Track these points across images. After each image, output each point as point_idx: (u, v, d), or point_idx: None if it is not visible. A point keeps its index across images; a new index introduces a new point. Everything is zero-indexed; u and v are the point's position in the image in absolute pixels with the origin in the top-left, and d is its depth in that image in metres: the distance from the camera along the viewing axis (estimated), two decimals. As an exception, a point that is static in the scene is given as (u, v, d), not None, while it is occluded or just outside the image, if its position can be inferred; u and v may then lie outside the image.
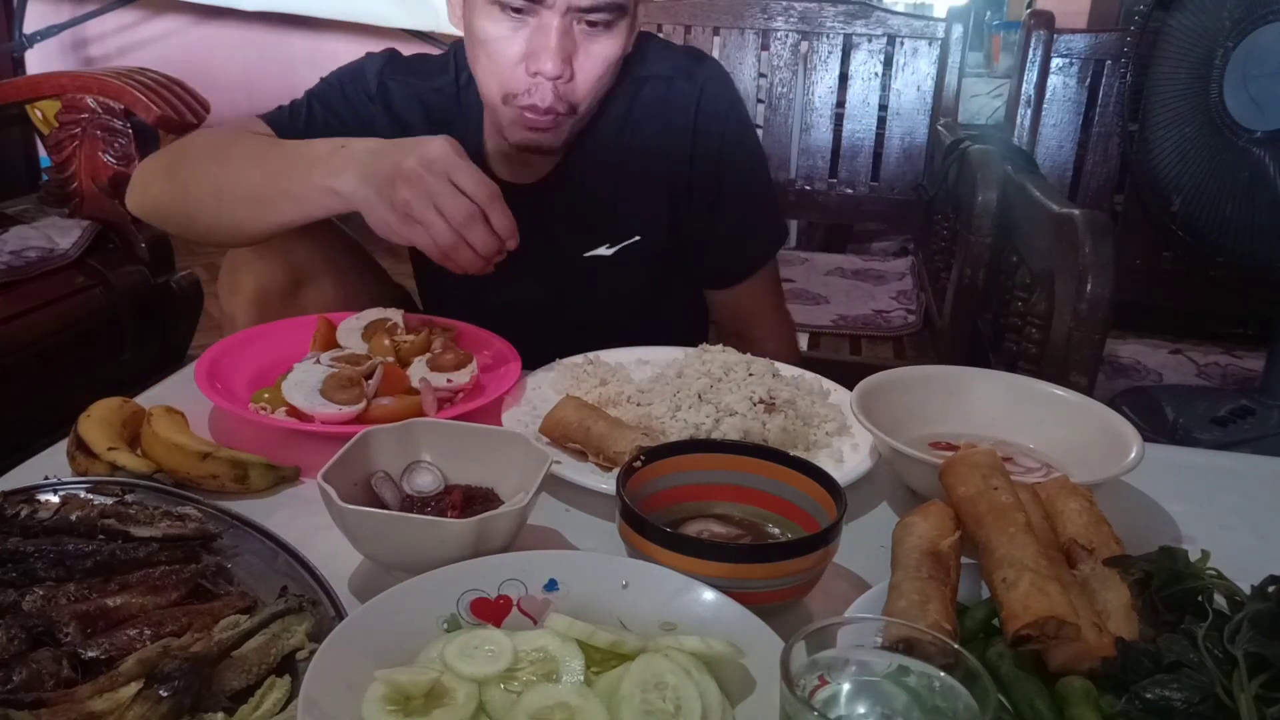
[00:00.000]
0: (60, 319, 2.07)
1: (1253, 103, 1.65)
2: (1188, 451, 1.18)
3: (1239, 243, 1.73)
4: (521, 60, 1.14)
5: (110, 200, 2.26)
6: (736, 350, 1.06)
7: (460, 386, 1.03)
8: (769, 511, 0.81)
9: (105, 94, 2.22)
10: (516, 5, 1.11)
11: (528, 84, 1.15)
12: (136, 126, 2.25)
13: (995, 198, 1.88)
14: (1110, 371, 1.99)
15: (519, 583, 0.69)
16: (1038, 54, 2.31)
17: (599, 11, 1.13)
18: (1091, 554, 0.70)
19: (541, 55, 1.12)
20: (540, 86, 1.14)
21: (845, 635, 0.56)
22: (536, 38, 1.12)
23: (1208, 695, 0.57)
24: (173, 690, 0.58)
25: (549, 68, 1.12)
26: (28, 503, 0.74)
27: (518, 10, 1.12)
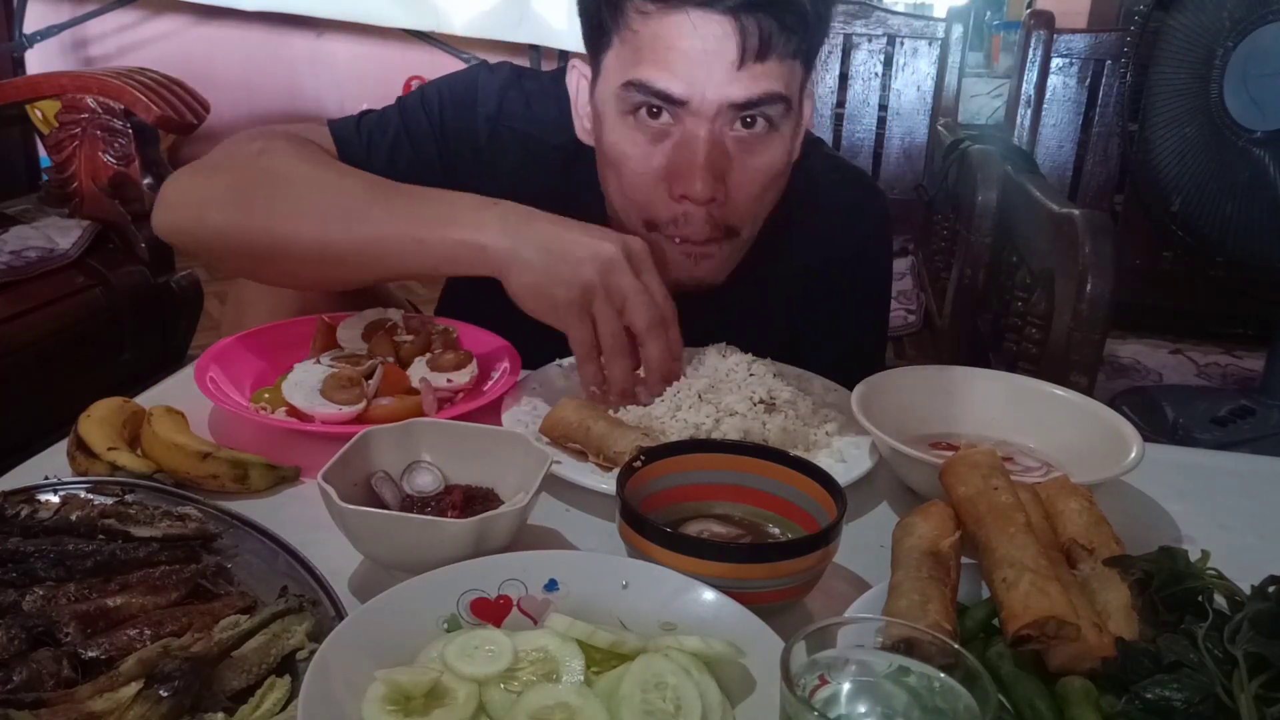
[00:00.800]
0: (60, 319, 2.07)
1: (1253, 103, 1.66)
2: (1188, 451, 1.18)
3: (1239, 243, 1.73)
4: (662, 180, 0.97)
5: (110, 200, 2.26)
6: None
7: (460, 386, 1.03)
8: (769, 511, 0.81)
9: (105, 94, 2.23)
10: (653, 107, 0.94)
11: (673, 211, 0.98)
12: (136, 126, 2.25)
13: (995, 198, 1.88)
14: (1110, 371, 1.99)
15: (519, 583, 0.69)
16: (1038, 54, 2.31)
17: (756, 108, 0.94)
18: (1091, 554, 0.70)
19: (688, 174, 0.94)
20: (690, 214, 0.98)
21: (845, 635, 0.56)
22: (681, 152, 0.95)
23: (1208, 695, 0.57)
24: (173, 690, 0.58)
25: (697, 189, 0.94)
26: (28, 503, 0.74)
27: (655, 114, 0.94)
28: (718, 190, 0.97)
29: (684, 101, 0.94)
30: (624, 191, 1.02)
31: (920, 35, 2.60)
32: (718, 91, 0.93)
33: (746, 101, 0.94)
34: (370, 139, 1.13)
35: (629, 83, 0.95)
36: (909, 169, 2.64)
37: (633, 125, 0.97)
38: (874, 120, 2.65)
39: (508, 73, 1.18)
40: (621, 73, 0.97)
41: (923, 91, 2.61)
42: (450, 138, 1.14)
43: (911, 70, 2.61)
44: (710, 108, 0.94)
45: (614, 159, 1.00)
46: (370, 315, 1.13)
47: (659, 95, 0.94)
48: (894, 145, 2.65)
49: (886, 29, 2.61)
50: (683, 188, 0.96)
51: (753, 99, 0.94)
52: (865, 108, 2.63)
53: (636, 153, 0.98)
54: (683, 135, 0.95)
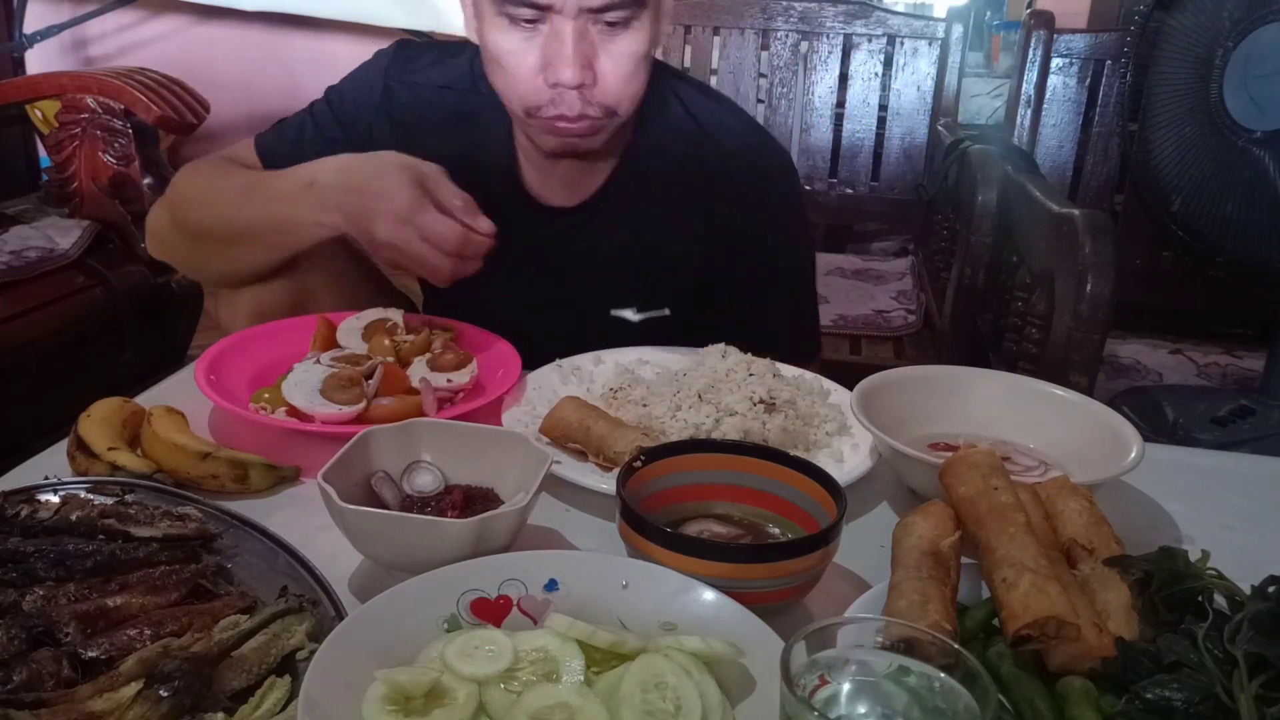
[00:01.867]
0: (60, 319, 2.07)
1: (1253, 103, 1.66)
2: (1188, 451, 1.18)
3: (1239, 243, 1.73)
4: (539, 71, 1.07)
5: (110, 200, 2.26)
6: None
7: (460, 386, 1.03)
8: (769, 511, 0.81)
9: (105, 94, 2.22)
10: (526, 16, 1.05)
11: (550, 95, 1.08)
12: (136, 126, 2.25)
13: (995, 198, 1.88)
14: (1110, 371, 1.99)
15: (519, 583, 0.69)
16: (1038, 54, 2.31)
17: (613, 10, 1.05)
18: (1091, 554, 0.70)
19: (558, 64, 1.05)
20: (564, 95, 1.08)
21: (845, 635, 0.56)
22: (550, 46, 1.05)
23: (1208, 695, 0.57)
24: (173, 690, 0.58)
25: (567, 76, 1.05)
26: (28, 503, 0.74)
27: (528, 21, 1.05)
28: (586, 76, 1.06)
29: (549, 5, 1.04)
30: (505, 82, 1.12)
31: (920, 35, 2.60)
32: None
33: (603, 5, 1.05)
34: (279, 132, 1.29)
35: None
36: (909, 169, 2.64)
37: (507, 25, 1.07)
38: (874, 120, 2.65)
39: (394, 45, 1.32)
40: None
41: (923, 91, 2.61)
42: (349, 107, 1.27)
43: (911, 70, 2.61)
44: (572, 9, 1.04)
45: (494, 55, 1.10)
46: (370, 315, 1.14)
47: (526, 4, 1.04)
48: (894, 145, 2.65)
49: (886, 29, 2.61)
50: (555, 76, 1.06)
51: (608, 3, 1.05)
52: (865, 108, 2.63)
53: (513, 48, 1.08)
54: (551, 30, 1.06)
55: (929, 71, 2.60)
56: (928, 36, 2.60)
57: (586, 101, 1.08)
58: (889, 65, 2.62)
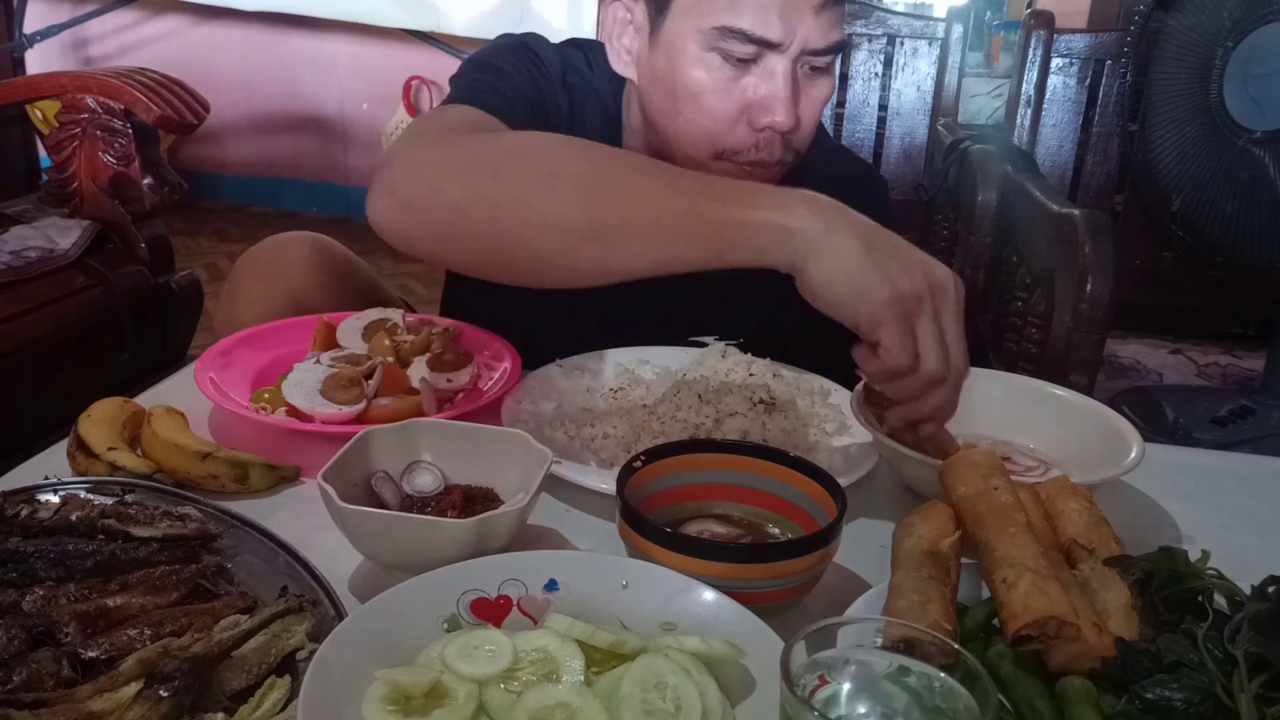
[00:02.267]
0: (60, 319, 2.07)
1: (1253, 103, 1.66)
2: (1188, 451, 1.18)
3: (1239, 243, 1.73)
4: (741, 112, 1.01)
5: (110, 200, 2.26)
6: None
7: (460, 386, 1.03)
8: (769, 511, 0.81)
9: (105, 94, 2.22)
10: (743, 53, 0.98)
11: (753, 139, 1.03)
12: (136, 126, 2.25)
13: (995, 198, 1.88)
14: (1110, 371, 1.99)
15: (519, 583, 0.69)
16: (1038, 54, 2.31)
17: (828, 54, 1.01)
18: (1091, 554, 0.70)
19: (775, 106, 0.99)
20: (770, 139, 1.02)
21: (845, 635, 0.56)
22: (765, 86, 1.00)
23: (1208, 695, 0.57)
24: (173, 690, 0.58)
25: (782, 118, 0.99)
26: (28, 503, 0.74)
27: (741, 60, 0.99)
28: (796, 121, 1.02)
29: (778, 44, 0.99)
30: (698, 123, 1.04)
31: (920, 35, 2.60)
32: (804, 37, 0.99)
33: (823, 48, 1.01)
34: (505, 92, 1.10)
35: (724, 29, 0.99)
36: (909, 169, 2.64)
37: (716, 62, 1.00)
38: (874, 120, 2.65)
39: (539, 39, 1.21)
40: (711, 12, 1.00)
41: (923, 91, 2.61)
42: (544, 100, 1.15)
43: (911, 70, 2.61)
44: (796, 50, 0.99)
45: (692, 93, 1.03)
46: (370, 315, 1.14)
47: (757, 41, 0.98)
48: (894, 145, 2.65)
49: (886, 29, 2.61)
50: (769, 119, 1.01)
51: (830, 45, 1.01)
52: (865, 108, 2.63)
53: (719, 87, 1.01)
54: (764, 70, 1.00)
55: (929, 71, 2.60)
56: (928, 36, 2.60)
57: (786, 146, 1.04)
58: (889, 65, 2.62)
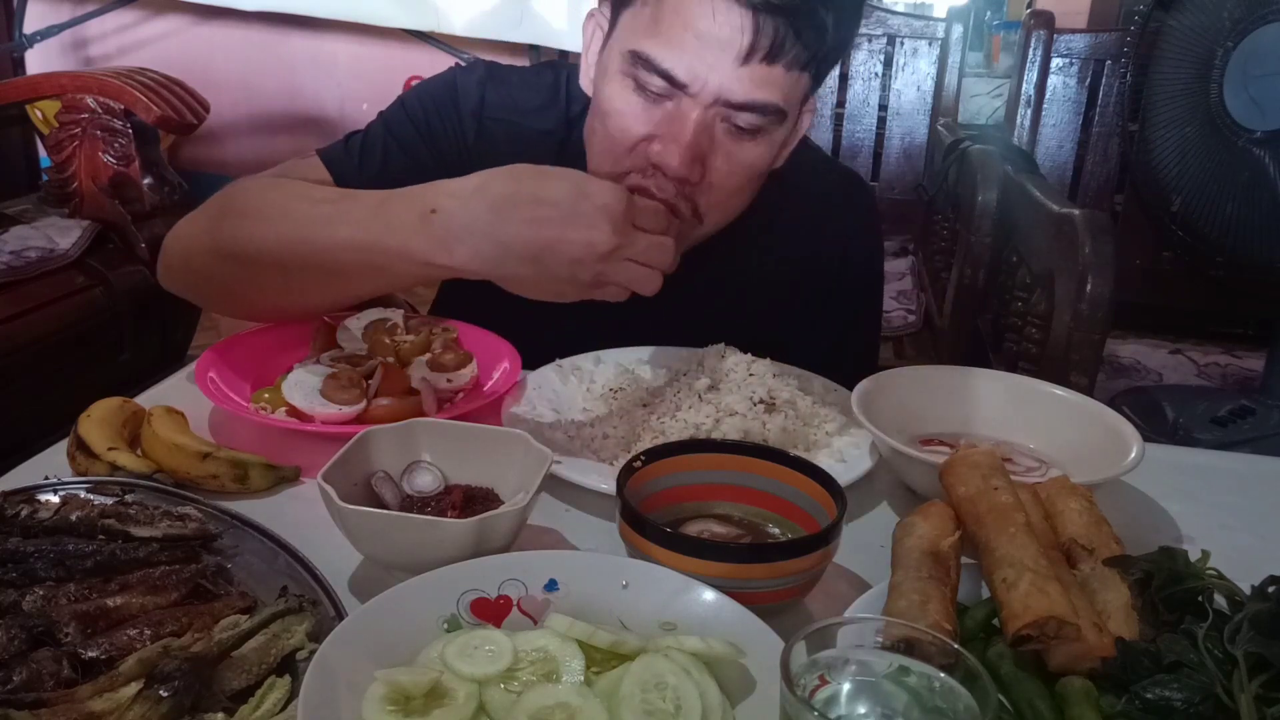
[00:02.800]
0: (60, 319, 2.07)
1: (1253, 103, 1.66)
2: (1188, 451, 1.18)
3: (1239, 243, 1.73)
4: (643, 140, 0.97)
5: (110, 200, 2.26)
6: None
7: (460, 386, 1.03)
8: (769, 511, 0.81)
9: (105, 94, 2.23)
10: (652, 85, 0.94)
11: (644, 167, 0.98)
12: (136, 126, 2.26)
13: (995, 198, 1.88)
14: (1110, 371, 1.99)
15: (519, 583, 0.69)
16: (1038, 54, 2.31)
17: (751, 112, 0.94)
18: (1091, 554, 0.70)
19: (669, 147, 0.95)
20: (659, 178, 0.98)
21: (845, 635, 0.56)
22: (670, 125, 0.95)
23: (1208, 695, 0.57)
24: (173, 690, 0.58)
25: (674, 164, 0.95)
26: (28, 503, 0.74)
27: (654, 92, 0.95)
28: (693, 172, 0.97)
29: (684, 85, 0.94)
30: (603, 143, 1.01)
31: (920, 35, 2.60)
32: (718, 85, 0.93)
33: (743, 104, 0.94)
34: (360, 155, 1.13)
35: (635, 53, 0.96)
36: (909, 169, 2.65)
37: (630, 87, 0.97)
38: (874, 120, 2.66)
39: (483, 69, 1.19)
40: (633, 37, 0.97)
41: (923, 91, 2.61)
42: (437, 139, 1.14)
43: (911, 70, 2.61)
44: (708, 97, 0.94)
45: (605, 111, 1.00)
46: (370, 315, 1.13)
47: (661, 74, 0.94)
48: (894, 145, 2.65)
49: (886, 29, 2.61)
50: (661, 159, 0.96)
51: (749, 103, 0.94)
52: (865, 108, 2.63)
53: (628, 112, 0.97)
54: (675, 111, 0.95)
55: (929, 71, 2.61)
56: (928, 36, 2.60)
57: (681, 194, 0.99)
58: (889, 65, 2.62)
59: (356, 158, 1.12)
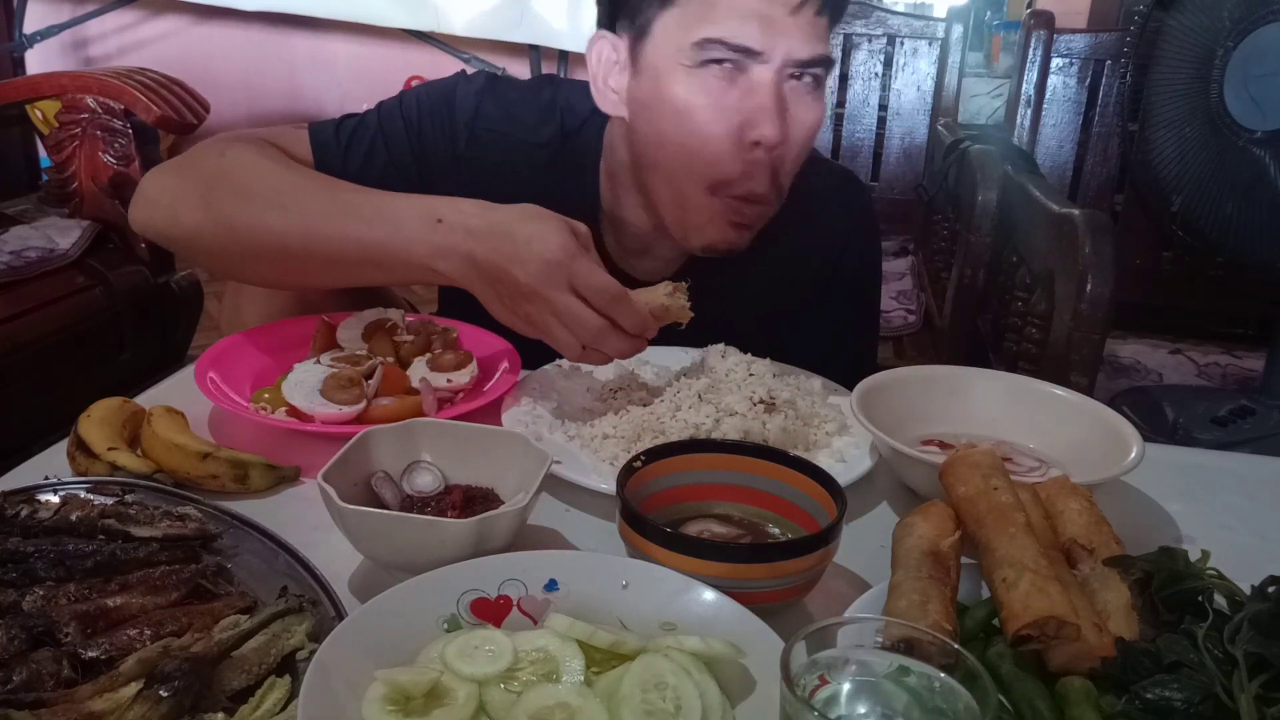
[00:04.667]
0: (60, 319, 2.07)
1: (1253, 103, 1.66)
2: (1188, 451, 1.18)
3: (1239, 243, 1.73)
4: (735, 132, 0.99)
5: (110, 200, 2.26)
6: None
7: (460, 386, 1.03)
8: (769, 511, 0.81)
9: (105, 94, 2.23)
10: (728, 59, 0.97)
11: (744, 164, 1.00)
12: (136, 126, 2.25)
13: (995, 198, 1.88)
14: (1110, 371, 1.99)
15: (519, 583, 0.69)
16: (1038, 54, 2.31)
17: (815, 66, 0.99)
18: (1091, 554, 0.70)
19: (762, 119, 0.97)
20: (758, 164, 1.00)
21: (845, 635, 0.56)
22: (752, 98, 0.98)
23: (1208, 695, 0.57)
24: (173, 690, 0.58)
25: (770, 131, 0.97)
26: (28, 503, 0.74)
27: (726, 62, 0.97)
28: (787, 134, 1.00)
29: (760, 52, 0.97)
30: (690, 149, 1.02)
31: (920, 35, 2.60)
32: (786, 45, 0.98)
33: (809, 59, 0.99)
34: (348, 143, 1.14)
35: (706, 40, 0.98)
36: (909, 169, 2.65)
37: (702, 79, 0.99)
38: (874, 120, 2.66)
39: (483, 80, 1.20)
40: (689, 29, 0.99)
41: (923, 91, 2.61)
42: (426, 143, 1.16)
43: (911, 70, 2.61)
44: (778, 59, 0.98)
45: (678, 111, 1.01)
46: (370, 315, 1.13)
47: (739, 50, 0.97)
48: (894, 145, 2.65)
49: (886, 29, 2.61)
50: (757, 132, 0.99)
51: (814, 58, 0.99)
52: (865, 108, 2.63)
53: (710, 103, 0.99)
54: (751, 85, 0.98)
55: (929, 71, 2.61)
56: (928, 36, 2.60)
57: (773, 178, 1.02)
58: (889, 65, 2.62)
59: (343, 148, 1.14)
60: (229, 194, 1.02)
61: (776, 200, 1.06)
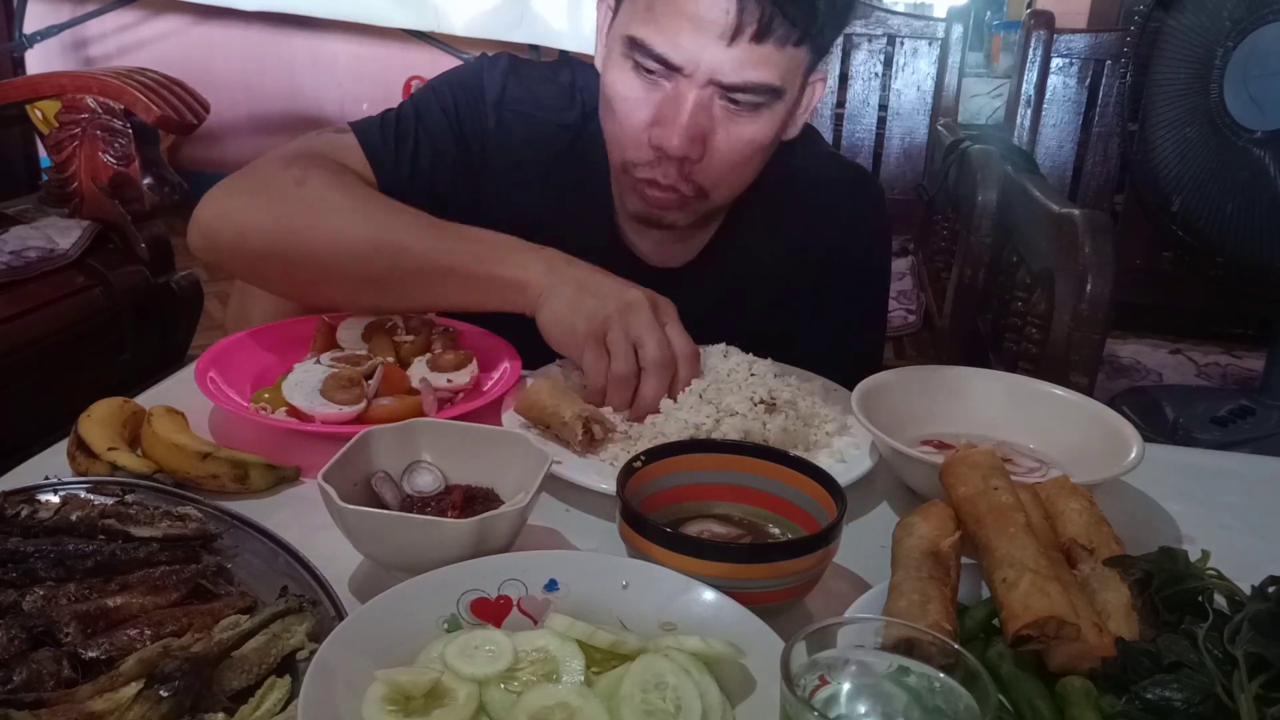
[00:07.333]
0: (60, 319, 2.07)
1: (1253, 103, 1.66)
2: (1188, 451, 1.18)
3: (1239, 243, 1.73)
4: (648, 127, 1.01)
5: (110, 200, 2.26)
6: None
7: (460, 386, 1.03)
8: (769, 511, 0.81)
9: (105, 94, 2.23)
10: (649, 67, 0.98)
11: (650, 155, 1.02)
12: (136, 126, 2.25)
13: (995, 198, 1.88)
14: (1110, 371, 1.99)
15: (519, 583, 0.69)
16: (1038, 54, 2.31)
17: (745, 92, 0.97)
18: (1091, 554, 0.70)
19: (668, 128, 0.98)
20: (663, 161, 1.01)
21: (845, 635, 0.56)
22: (666, 107, 0.98)
23: (1208, 695, 0.57)
24: (173, 690, 0.58)
25: (674, 144, 0.98)
26: (28, 503, 0.74)
27: (650, 71, 0.98)
28: (693, 150, 0.99)
29: (679, 67, 0.97)
30: (610, 128, 1.06)
31: (920, 35, 2.60)
32: (710, 66, 0.96)
33: (735, 85, 0.97)
34: (397, 143, 1.15)
35: (632, 38, 0.99)
36: (909, 169, 2.65)
37: (629, 70, 1.00)
38: (874, 120, 2.65)
39: (507, 61, 1.22)
40: (631, 23, 1.00)
41: (923, 91, 2.61)
42: (465, 128, 1.17)
43: (911, 70, 2.61)
44: (702, 78, 0.97)
45: (609, 96, 1.04)
46: (370, 315, 1.13)
47: (657, 58, 0.98)
48: (894, 145, 2.65)
49: (886, 29, 2.61)
50: (661, 139, 0.99)
51: (741, 84, 0.97)
52: (865, 108, 2.63)
53: (629, 96, 1.01)
54: (673, 93, 0.99)
55: (929, 71, 2.61)
56: (928, 36, 2.60)
57: (683, 176, 1.02)
58: (889, 65, 2.62)
59: (393, 148, 1.15)
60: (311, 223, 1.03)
61: (699, 197, 1.06)
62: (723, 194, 1.08)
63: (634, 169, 1.05)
